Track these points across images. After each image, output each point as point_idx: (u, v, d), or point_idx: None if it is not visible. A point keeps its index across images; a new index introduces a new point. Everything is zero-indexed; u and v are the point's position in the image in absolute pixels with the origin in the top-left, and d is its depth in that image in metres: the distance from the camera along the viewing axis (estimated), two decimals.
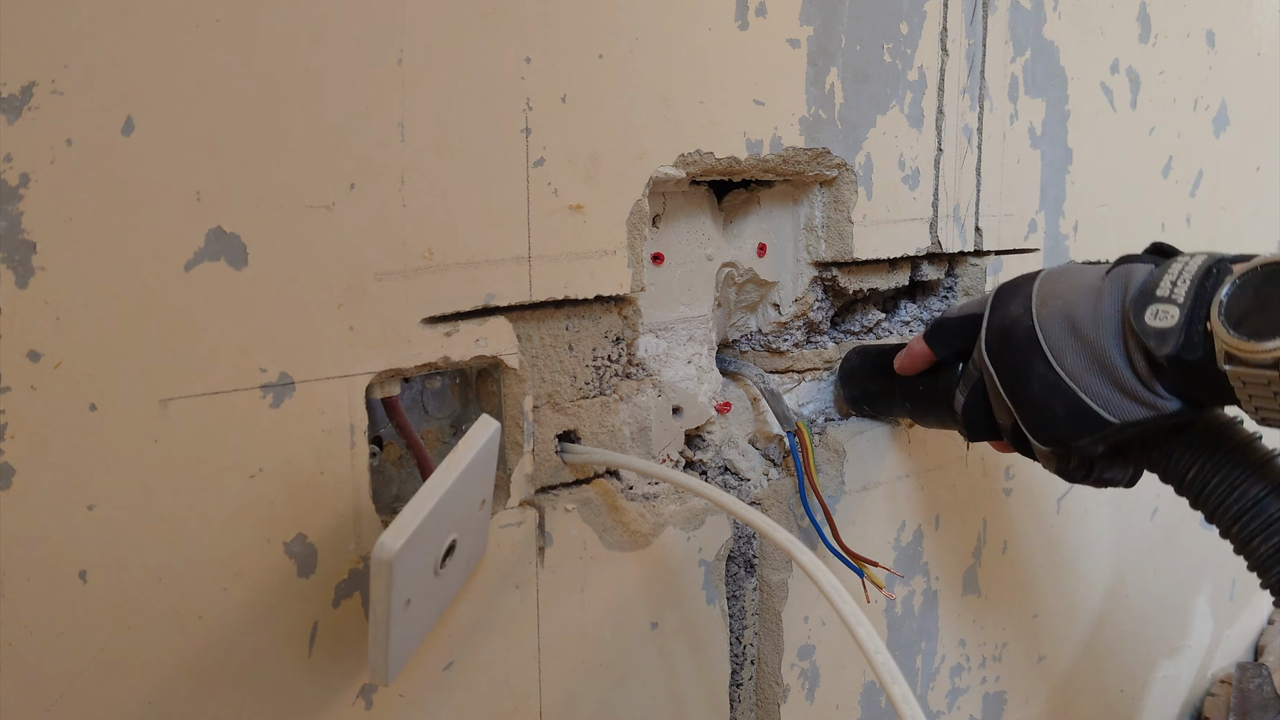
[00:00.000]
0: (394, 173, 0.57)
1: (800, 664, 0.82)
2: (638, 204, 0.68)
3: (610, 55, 0.65)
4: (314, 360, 0.56)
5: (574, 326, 0.68)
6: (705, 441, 0.80)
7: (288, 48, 0.53)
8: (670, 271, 0.76)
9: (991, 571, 0.97)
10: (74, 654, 0.50)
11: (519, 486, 0.66)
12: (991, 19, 0.88)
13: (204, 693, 0.54)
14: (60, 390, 0.49)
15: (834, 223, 0.81)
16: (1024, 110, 0.92)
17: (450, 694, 0.64)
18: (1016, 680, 1.03)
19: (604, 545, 0.70)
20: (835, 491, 0.83)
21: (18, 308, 0.47)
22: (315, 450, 0.56)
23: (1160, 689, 1.24)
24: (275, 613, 0.56)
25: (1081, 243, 1.01)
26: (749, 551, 0.80)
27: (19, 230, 0.47)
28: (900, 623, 0.90)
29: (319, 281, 0.55)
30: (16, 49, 0.46)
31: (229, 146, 0.52)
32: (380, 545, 0.50)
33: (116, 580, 0.51)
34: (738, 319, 0.85)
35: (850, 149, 0.79)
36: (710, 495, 0.64)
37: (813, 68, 0.76)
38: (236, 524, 0.54)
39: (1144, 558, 1.16)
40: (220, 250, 0.52)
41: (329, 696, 0.59)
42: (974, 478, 0.94)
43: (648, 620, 0.73)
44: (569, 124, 0.64)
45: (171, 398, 0.52)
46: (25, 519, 0.48)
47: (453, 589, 0.60)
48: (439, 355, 0.60)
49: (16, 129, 0.46)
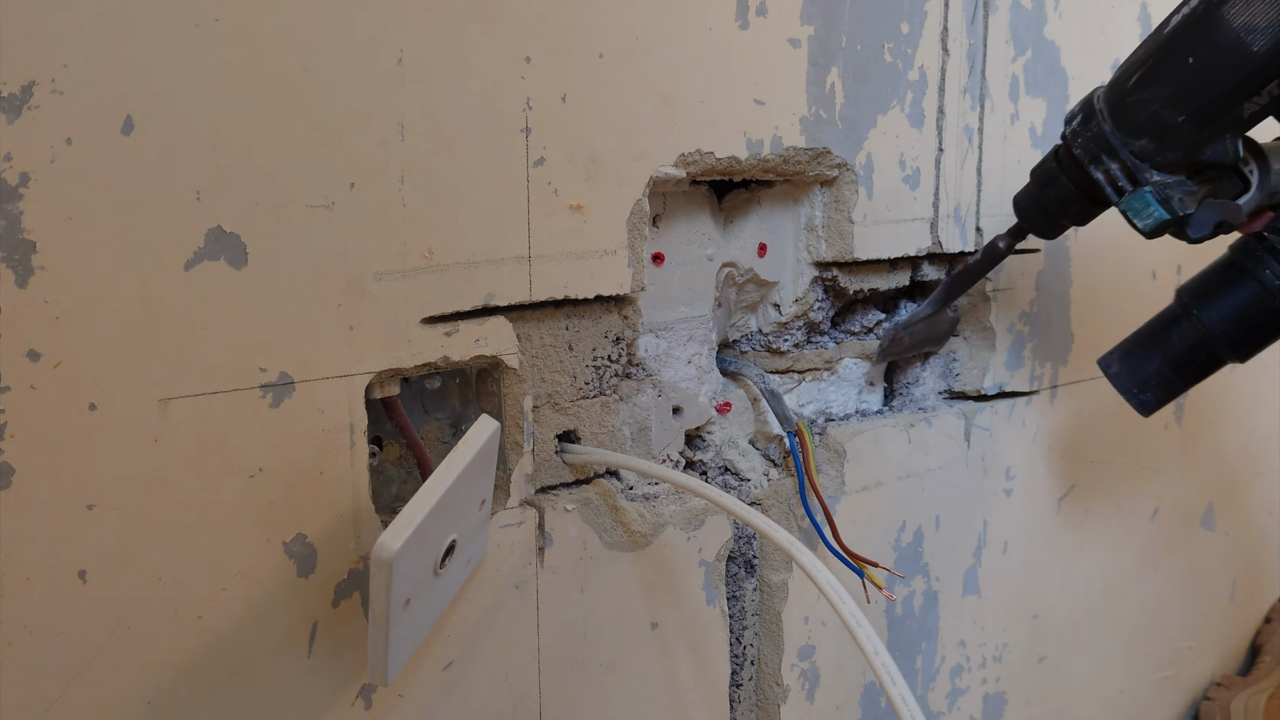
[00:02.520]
0: (394, 172, 0.57)
1: (800, 664, 0.82)
2: (638, 204, 0.68)
3: (611, 55, 0.65)
4: (314, 360, 0.56)
5: (574, 326, 0.68)
6: (705, 442, 0.80)
7: (288, 47, 0.53)
8: (670, 271, 0.76)
9: (991, 571, 0.97)
10: (74, 654, 0.50)
11: (519, 486, 0.66)
12: (992, 19, 0.88)
13: (204, 693, 0.54)
14: (60, 390, 0.49)
15: (834, 223, 0.81)
16: (1025, 110, 0.92)
17: (450, 694, 0.64)
18: (1016, 680, 1.03)
19: (604, 545, 0.70)
20: (835, 492, 0.83)
21: (18, 307, 0.47)
22: (315, 450, 0.56)
23: (1160, 689, 1.24)
24: (275, 613, 0.56)
25: (1082, 243, 1.01)
26: (749, 552, 0.80)
27: (19, 229, 0.47)
28: (900, 623, 0.90)
29: (319, 281, 0.55)
30: (16, 48, 0.46)
31: (229, 146, 0.52)
32: (380, 545, 0.50)
33: (116, 580, 0.51)
34: (738, 319, 0.85)
35: (851, 149, 0.79)
36: (710, 496, 0.64)
37: (813, 67, 0.76)
38: (236, 524, 0.54)
39: (1144, 558, 1.16)
40: (220, 250, 0.52)
41: (329, 696, 0.59)
42: (974, 478, 0.94)
43: (648, 620, 0.73)
44: (569, 123, 0.64)
45: (171, 397, 0.51)
46: (25, 519, 0.48)
47: (453, 589, 0.60)
48: (439, 355, 0.60)
49: (16, 128, 0.46)
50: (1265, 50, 0.62)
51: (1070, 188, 0.72)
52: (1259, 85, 0.63)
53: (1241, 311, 0.73)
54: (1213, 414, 1.21)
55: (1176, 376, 0.77)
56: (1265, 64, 0.62)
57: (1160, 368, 0.77)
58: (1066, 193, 0.72)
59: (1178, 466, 1.18)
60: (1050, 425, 1.01)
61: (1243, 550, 1.33)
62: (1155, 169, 0.67)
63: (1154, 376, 0.78)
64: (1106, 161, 0.68)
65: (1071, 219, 0.74)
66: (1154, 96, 0.66)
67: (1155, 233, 0.69)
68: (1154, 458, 1.14)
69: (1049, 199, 0.73)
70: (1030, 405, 0.98)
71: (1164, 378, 0.77)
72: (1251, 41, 0.62)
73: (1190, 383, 0.78)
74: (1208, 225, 0.67)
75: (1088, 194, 0.71)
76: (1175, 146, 0.66)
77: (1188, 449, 1.19)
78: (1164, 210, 0.67)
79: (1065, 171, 0.72)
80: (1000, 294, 0.94)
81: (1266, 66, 0.62)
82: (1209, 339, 0.75)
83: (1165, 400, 0.79)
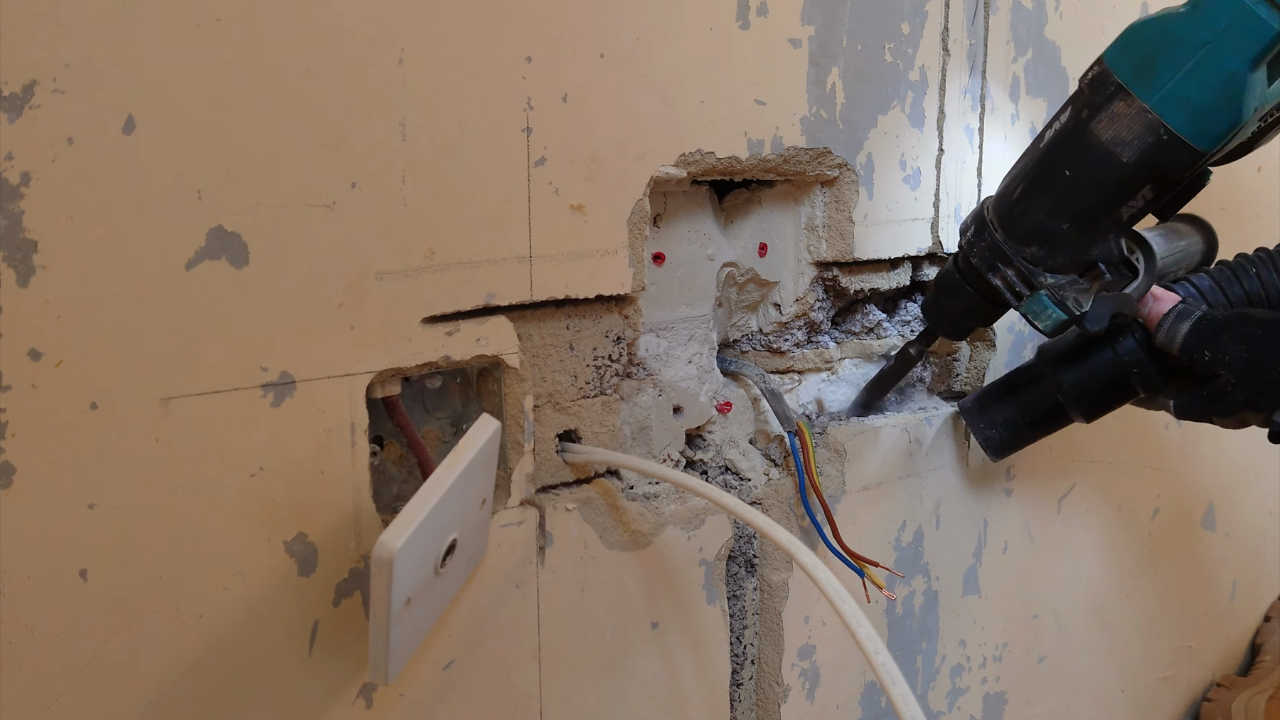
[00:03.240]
0: (395, 172, 0.57)
1: (801, 664, 0.82)
2: (639, 203, 0.68)
3: (611, 55, 0.65)
4: (315, 359, 0.56)
5: (575, 326, 0.68)
6: (706, 441, 0.80)
7: (289, 47, 0.53)
8: (671, 271, 0.76)
9: (992, 571, 0.97)
10: (74, 653, 0.50)
11: (519, 486, 0.66)
12: (993, 19, 0.88)
13: (204, 692, 0.54)
14: (61, 389, 0.49)
15: (835, 222, 0.81)
16: (1025, 110, 0.92)
17: (450, 693, 0.64)
18: (1016, 680, 1.03)
19: (604, 545, 0.70)
20: (836, 491, 0.83)
21: (19, 306, 0.47)
22: (316, 449, 0.56)
23: (1160, 689, 1.24)
24: (276, 612, 0.56)
25: None
26: (749, 551, 0.80)
27: (20, 229, 0.47)
28: (900, 623, 0.90)
29: (320, 281, 0.55)
30: (18, 48, 0.46)
31: (230, 145, 0.52)
32: (380, 544, 0.50)
33: (117, 579, 0.51)
34: (738, 319, 0.85)
35: (851, 149, 0.79)
36: (711, 495, 0.64)
37: (814, 67, 0.76)
38: (237, 523, 0.54)
39: (1144, 558, 1.16)
40: (221, 249, 0.52)
41: (329, 695, 0.59)
42: (974, 477, 0.94)
43: (648, 620, 0.73)
44: (570, 123, 0.64)
45: (172, 396, 0.52)
46: (26, 518, 0.48)
47: (453, 588, 0.60)
48: (440, 355, 0.60)
49: (18, 128, 0.46)
50: (1133, 161, 0.66)
51: (973, 294, 0.76)
52: (1133, 191, 0.67)
53: (1094, 376, 0.78)
54: None
55: (1025, 426, 0.83)
56: (1135, 173, 0.66)
57: (1011, 416, 0.83)
58: (970, 299, 0.76)
59: (1178, 466, 1.18)
60: None
61: (1243, 550, 1.33)
62: (1048, 271, 0.71)
63: (1005, 422, 0.84)
64: (1003, 269, 0.72)
65: (979, 321, 0.79)
66: (1038, 207, 0.70)
67: (1056, 331, 0.73)
68: (1154, 458, 1.14)
69: (955, 307, 0.77)
70: None
71: (1013, 424, 0.84)
72: (1120, 153, 0.66)
73: (1038, 434, 0.84)
74: (1104, 319, 0.71)
75: (989, 298, 0.75)
76: (1062, 251, 0.70)
77: (1188, 449, 1.19)
78: (1060, 311, 0.71)
79: (967, 280, 0.75)
80: None
81: (1137, 175, 0.66)
82: (1061, 397, 0.80)
83: (1012, 444, 0.85)
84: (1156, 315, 0.74)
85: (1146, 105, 0.64)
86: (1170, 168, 0.65)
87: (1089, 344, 0.77)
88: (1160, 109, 0.64)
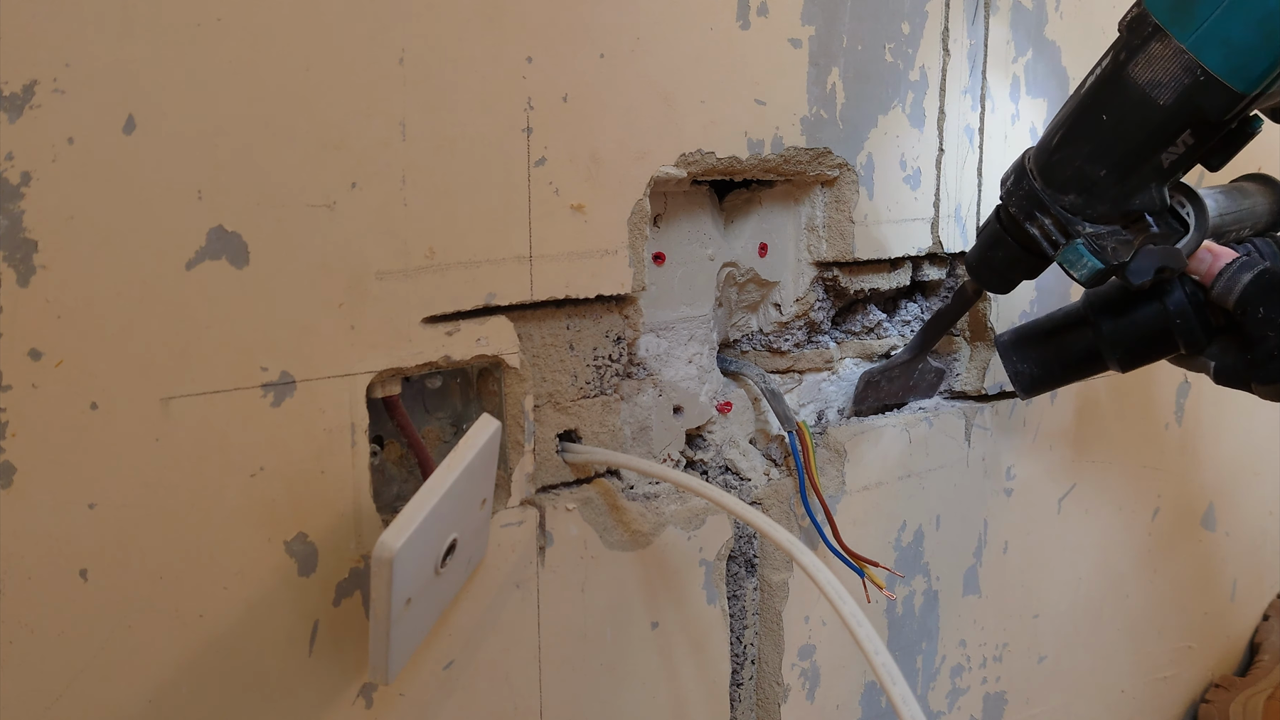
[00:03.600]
0: (395, 172, 0.57)
1: (801, 664, 0.82)
2: (639, 204, 0.68)
3: (612, 55, 0.65)
4: (315, 359, 0.56)
5: (575, 326, 0.68)
6: (706, 441, 0.80)
7: (289, 46, 0.53)
8: (671, 271, 0.76)
9: (992, 571, 0.97)
10: (74, 653, 0.50)
11: (520, 486, 0.66)
12: (993, 19, 0.88)
13: (204, 692, 0.54)
14: (61, 389, 0.49)
15: (835, 222, 0.81)
16: (1026, 110, 0.92)
17: (450, 693, 0.64)
18: (1016, 680, 1.03)
19: (605, 545, 0.70)
20: (836, 491, 0.83)
21: (19, 306, 0.47)
22: (316, 449, 0.56)
23: (1160, 689, 1.24)
24: (276, 612, 0.56)
25: None
26: (750, 551, 0.80)
27: (20, 229, 0.47)
28: (900, 623, 0.90)
29: (320, 280, 0.55)
30: (18, 47, 0.46)
31: (230, 145, 0.52)
32: (381, 544, 0.50)
33: (117, 579, 0.51)
34: (739, 319, 0.85)
35: (852, 149, 0.79)
36: (711, 495, 0.64)
37: (814, 67, 0.76)
38: (237, 523, 0.54)
39: (1144, 558, 1.16)
40: (221, 249, 0.52)
41: (329, 695, 0.59)
42: (974, 478, 0.94)
43: (648, 620, 0.73)
44: (570, 123, 0.64)
45: (172, 396, 0.52)
46: (26, 518, 0.48)
47: (453, 588, 0.61)
48: (440, 354, 0.60)
49: (18, 127, 0.46)
50: (1171, 104, 0.64)
51: (1014, 245, 0.74)
52: (1171, 136, 0.66)
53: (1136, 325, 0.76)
54: (1213, 414, 1.21)
55: (1059, 366, 0.81)
56: (1172, 117, 0.65)
57: (1046, 355, 0.81)
58: (1011, 250, 0.75)
59: (1178, 466, 1.18)
60: (1050, 425, 1.01)
61: (1243, 550, 1.33)
62: (1088, 221, 0.69)
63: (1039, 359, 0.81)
64: (1040, 217, 0.71)
65: (1022, 273, 0.77)
66: (1076, 154, 0.69)
67: (1093, 282, 0.71)
68: (1154, 458, 1.14)
69: (997, 258, 0.76)
70: (1031, 405, 0.98)
71: (1046, 363, 0.81)
72: (1157, 96, 0.64)
73: (1071, 377, 0.82)
74: (1148, 271, 0.69)
75: (1029, 248, 0.74)
76: (1101, 200, 0.69)
77: (1188, 449, 1.19)
78: (1098, 260, 0.69)
79: (1008, 230, 0.74)
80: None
81: (1174, 119, 0.65)
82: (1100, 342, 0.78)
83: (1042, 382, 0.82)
84: (1213, 271, 0.72)
85: (1183, 45, 0.62)
86: (1209, 111, 0.63)
87: (1137, 294, 0.75)
88: (1197, 49, 0.62)
